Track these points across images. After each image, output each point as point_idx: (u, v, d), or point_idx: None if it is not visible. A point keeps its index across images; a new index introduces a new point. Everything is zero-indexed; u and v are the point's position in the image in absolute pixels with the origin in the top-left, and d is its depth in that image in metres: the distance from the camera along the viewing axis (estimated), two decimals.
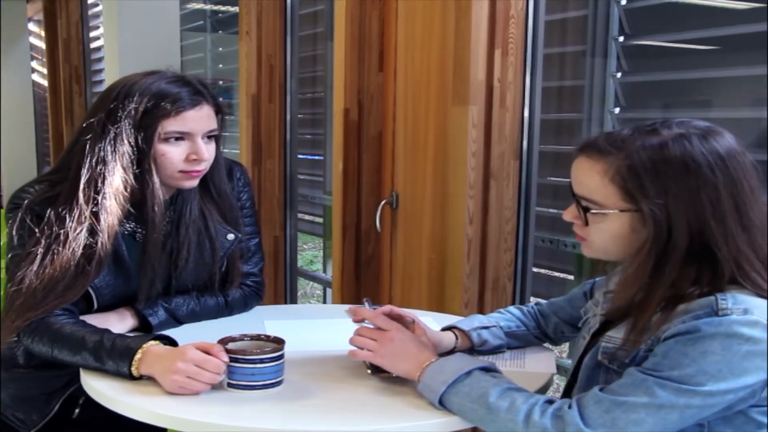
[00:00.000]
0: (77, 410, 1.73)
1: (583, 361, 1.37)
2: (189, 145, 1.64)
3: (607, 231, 1.30)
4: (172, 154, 1.62)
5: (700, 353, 1.15)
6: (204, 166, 1.67)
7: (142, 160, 1.61)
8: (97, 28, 5.71)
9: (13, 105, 7.73)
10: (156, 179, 1.63)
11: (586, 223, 1.33)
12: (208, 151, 1.66)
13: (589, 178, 1.30)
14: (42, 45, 6.83)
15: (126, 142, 1.59)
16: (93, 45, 5.89)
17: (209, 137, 1.67)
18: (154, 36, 4.44)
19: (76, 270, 1.58)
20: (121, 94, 1.62)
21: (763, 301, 1.19)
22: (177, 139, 1.62)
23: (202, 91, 1.66)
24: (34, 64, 7.67)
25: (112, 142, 1.59)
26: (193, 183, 1.69)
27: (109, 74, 4.80)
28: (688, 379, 1.15)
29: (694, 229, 1.22)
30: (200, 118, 1.64)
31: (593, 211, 1.30)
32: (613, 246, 1.32)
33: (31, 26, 7.55)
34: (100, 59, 5.68)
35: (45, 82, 6.78)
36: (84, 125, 1.65)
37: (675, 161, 1.22)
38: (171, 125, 1.61)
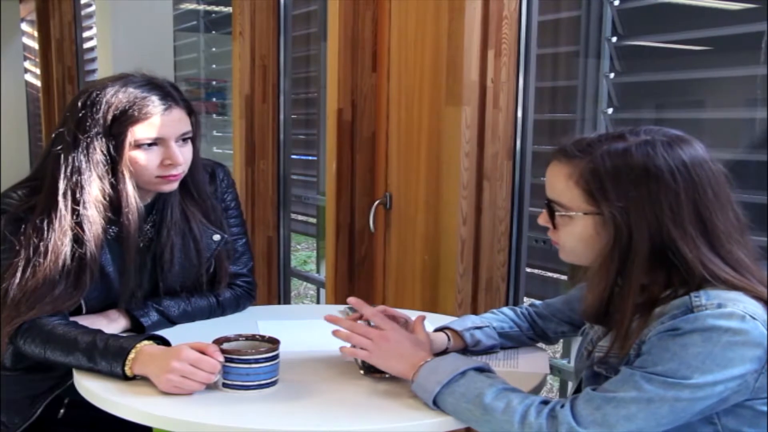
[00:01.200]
0: (62, 410, 1.72)
1: (584, 373, 1.39)
2: (163, 151, 1.62)
3: (574, 234, 1.33)
4: (146, 160, 1.61)
5: (681, 347, 1.17)
6: (181, 170, 1.66)
7: (116, 168, 1.60)
8: (90, 28, 5.69)
9: (6, 105, 7.71)
10: (129, 187, 1.61)
11: (555, 226, 1.36)
12: (183, 155, 1.64)
13: (557, 180, 1.33)
14: (35, 45, 6.81)
15: (98, 151, 1.58)
16: (86, 45, 5.88)
17: (184, 140, 1.66)
18: (147, 36, 4.43)
19: (68, 281, 1.57)
20: (88, 102, 1.59)
21: (735, 293, 1.21)
22: (150, 145, 1.61)
23: (171, 93, 1.64)
24: (26, 64, 7.65)
25: (85, 151, 1.58)
26: (172, 186, 1.68)
27: (102, 74, 4.79)
28: (672, 373, 1.17)
29: (654, 233, 1.24)
30: (171, 122, 1.62)
31: (559, 213, 1.34)
32: (581, 249, 1.34)
33: (24, 26, 7.52)
34: (93, 59, 5.66)
35: (38, 83, 6.77)
36: (55, 134, 1.63)
37: (637, 166, 1.25)
38: (141, 132, 1.59)
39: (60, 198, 1.57)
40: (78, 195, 1.58)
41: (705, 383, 1.16)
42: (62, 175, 1.58)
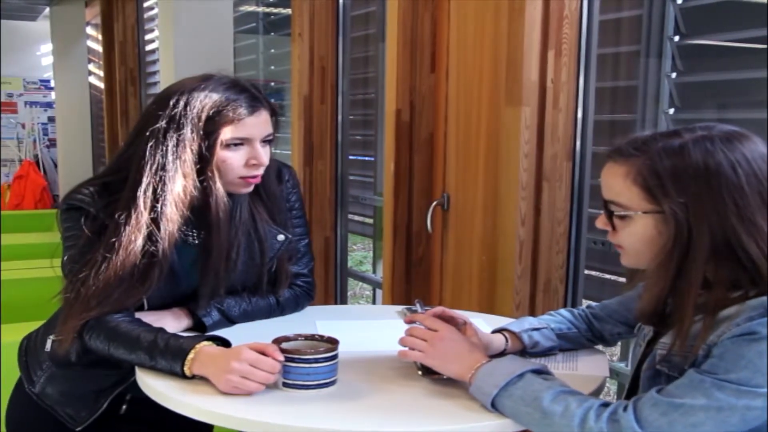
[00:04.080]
0: (124, 406, 1.75)
1: (642, 369, 1.35)
2: (248, 151, 1.65)
3: (635, 234, 1.30)
4: (233, 159, 1.64)
5: (757, 354, 1.13)
6: (262, 171, 1.69)
7: (205, 167, 1.62)
8: (152, 30, 5.80)
9: (70, 107, 7.88)
10: (219, 185, 1.64)
11: (614, 228, 1.33)
12: (265, 156, 1.67)
13: (614, 180, 1.31)
14: (99, 48, 6.96)
15: (188, 149, 1.60)
16: (148, 48, 5.99)
17: (265, 141, 1.69)
18: (208, 38, 4.49)
19: (134, 277, 1.60)
20: (181, 100, 1.62)
21: None
22: (236, 145, 1.64)
23: (258, 96, 1.67)
24: (91, 66, 7.81)
25: (174, 148, 1.60)
26: (250, 189, 1.70)
27: (164, 76, 4.87)
28: (746, 381, 1.13)
29: (717, 229, 1.21)
30: (259, 124, 1.65)
31: (617, 213, 1.31)
32: (643, 250, 1.31)
33: (89, 30, 7.69)
34: (155, 61, 5.76)
35: (101, 85, 6.91)
36: (141, 130, 1.65)
37: (695, 161, 1.22)
38: (232, 132, 1.62)
39: (141, 194, 1.60)
40: (159, 192, 1.60)
41: None
42: (147, 172, 1.60)
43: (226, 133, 1.61)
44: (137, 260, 1.59)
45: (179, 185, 1.61)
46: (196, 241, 1.72)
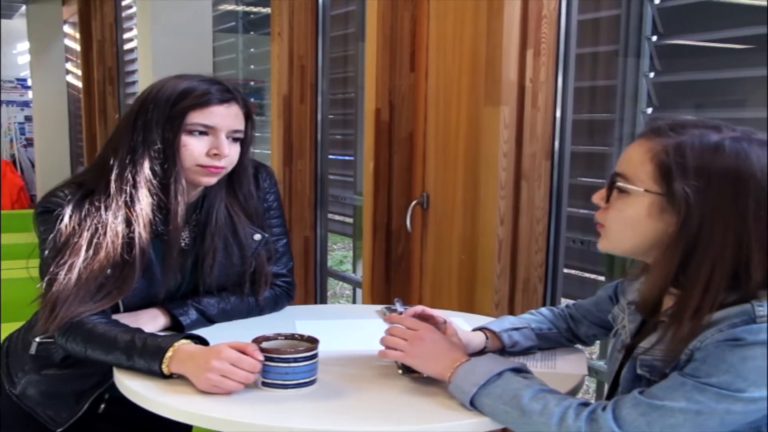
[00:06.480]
0: (103, 405, 1.74)
1: (622, 375, 1.35)
2: (211, 140, 1.65)
3: (624, 212, 1.28)
4: (194, 146, 1.64)
5: (740, 359, 1.13)
6: (224, 164, 1.67)
7: (167, 150, 1.63)
8: (131, 29, 5.77)
9: (47, 106, 7.83)
10: (180, 169, 1.65)
11: (608, 201, 1.31)
12: (230, 151, 1.67)
13: (634, 153, 1.28)
14: (76, 47, 6.91)
15: (153, 131, 1.62)
16: (126, 47, 5.95)
17: (234, 139, 1.68)
18: (186, 37, 4.48)
19: (121, 261, 1.60)
20: (152, 91, 1.66)
21: None
22: (201, 133, 1.64)
23: (233, 91, 1.68)
24: (68, 65, 7.76)
25: (141, 132, 1.63)
26: (211, 180, 1.69)
27: (142, 75, 4.85)
28: (727, 385, 1.13)
29: (732, 229, 1.19)
30: (227, 115, 1.65)
31: (620, 184, 1.28)
32: (626, 232, 1.29)
33: (67, 28, 7.64)
34: (133, 60, 5.73)
35: (79, 84, 6.87)
36: (116, 128, 1.69)
37: (728, 157, 1.20)
38: (197, 117, 1.63)
39: (113, 177, 1.62)
40: (129, 176, 1.62)
41: (760, 397, 1.13)
42: (119, 156, 1.63)
43: (191, 118, 1.62)
44: (116, 248, 1.59)
45: (147, 168, 1.62)
46: (166, 237, 1.71)
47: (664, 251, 1.25)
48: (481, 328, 1.64)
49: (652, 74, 2.16)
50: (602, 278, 2.41)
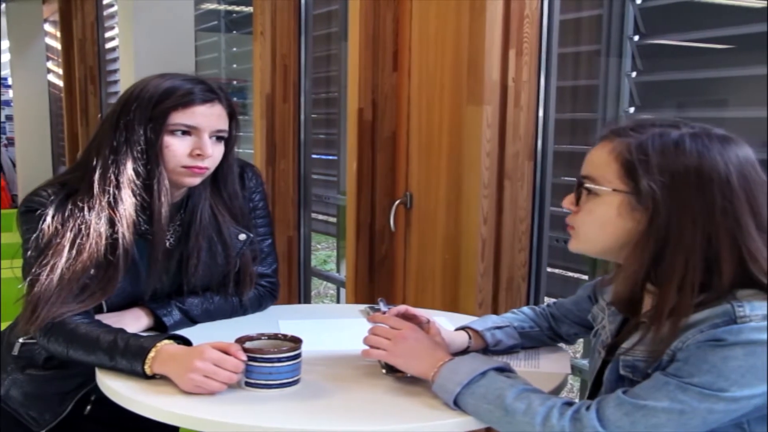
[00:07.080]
0: (88, 407, 1.74)
1: (605, 375, 1.35)
2: (194, 141, 1.64)
3: (594, 213, 1.29)
4: (176, 147, 1.63)
5: (722, 359, 1.14)
6: (207, 164, 1.66)
7: (149, 151, 1.62)
8: (112, 28, 5.74)
9: (28, 105, 7.77)
10: (163, 170, 1.64)
11: (577, 204, 1.32)
12: (213, 151, 1.66)
13: (598, 155, 1.30)
14: (57, 45, 6.87)
15: (136, 131, 1.61)
16: (108, 45, 5.92)
17: (218, 138, 1.67)
18: (168, 36, 4.45)
19: (105, 262, 1.59)
20: (135, 90, 1.64)
21: None
22: (184, 133, 1.63)
23: (216, 90, 1.67)
24: (49, 64, 7.71)
25: (124, 132, 1.61)
26: (195, 181, 1.68)
27: (124, 74, 4.82)
28: (709, 385, 1.14)
29: (701, 224, 1.20)
30: (210, 115, 1.64)
31: (587, 186, 1.30)
32: (597, 233, 1.30)
33: (47, 27, 7.58)
34: (115, 59, 5.71)
35: (60, 83, 6.82)
36: (99, 128, 1.68)
37: (688, 149, 1.21)
38: (179, 117, 1.62)
39: (96, 178, 1.61)
40: (112, 176, 1.61)
41: (741, 397, 1.14)
42: (101, 156, 1.62)
43: (173, 118, 1.61)
44: (99, 248, 1.58)
45: (130, 168, 1.61)
46: (150, 237, 1.70)
47: (634, 248, 1.26)
48: (463, 328, 1.65)
49: (634, 74, 2.17)
50: (585, 277, 2.42)
